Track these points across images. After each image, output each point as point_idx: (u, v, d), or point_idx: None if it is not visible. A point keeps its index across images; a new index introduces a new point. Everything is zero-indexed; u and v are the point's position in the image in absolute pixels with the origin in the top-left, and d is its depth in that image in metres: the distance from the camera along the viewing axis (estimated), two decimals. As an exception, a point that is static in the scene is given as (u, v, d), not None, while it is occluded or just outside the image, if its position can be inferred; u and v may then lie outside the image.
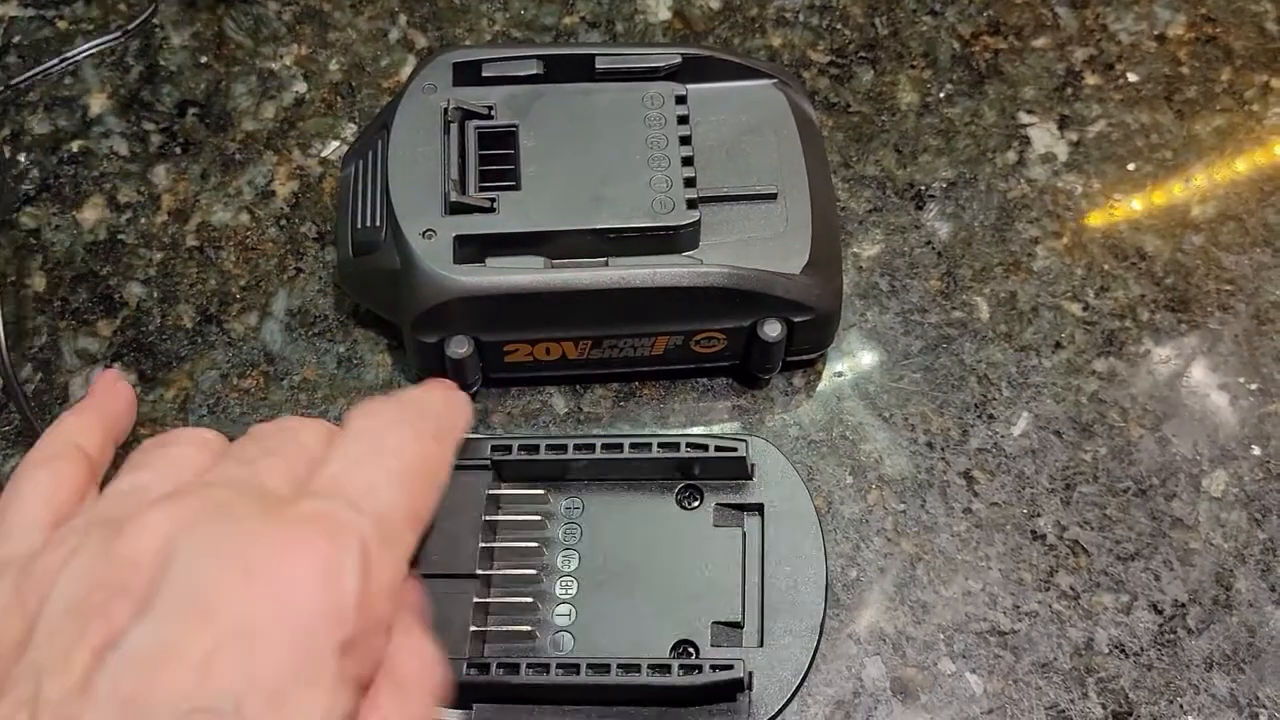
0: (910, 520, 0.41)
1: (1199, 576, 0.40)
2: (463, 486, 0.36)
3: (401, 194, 0.40)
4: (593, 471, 0.37)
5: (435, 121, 0.41)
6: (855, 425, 0.43)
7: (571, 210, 0.39)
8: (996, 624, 0.39)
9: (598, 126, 0.41)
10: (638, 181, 0.40)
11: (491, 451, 0.37)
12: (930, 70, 0.50)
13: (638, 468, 0.37)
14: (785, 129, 0.42)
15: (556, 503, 0.37)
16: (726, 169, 0.41)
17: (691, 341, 0.41)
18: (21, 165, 0.48)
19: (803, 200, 0.41)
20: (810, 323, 0.40)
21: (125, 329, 0.44)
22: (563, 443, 0.37)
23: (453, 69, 0.42)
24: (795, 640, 0.35)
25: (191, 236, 0.46)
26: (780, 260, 0.40)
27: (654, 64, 0.42)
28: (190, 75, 0.49)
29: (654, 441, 0.37)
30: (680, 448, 0.36)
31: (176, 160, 0.48)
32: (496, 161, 0.40)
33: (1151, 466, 0.42)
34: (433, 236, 0.38)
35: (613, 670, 0.33)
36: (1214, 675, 0.39)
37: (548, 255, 0.39)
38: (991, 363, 0.44)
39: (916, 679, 0.39)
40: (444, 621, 0.34)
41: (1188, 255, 0.46)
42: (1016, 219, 0.46)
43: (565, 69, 0.42)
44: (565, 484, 0.38)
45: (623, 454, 0.36)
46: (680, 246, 0.39)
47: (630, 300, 0.39)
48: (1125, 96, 0.49)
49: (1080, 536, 0.41)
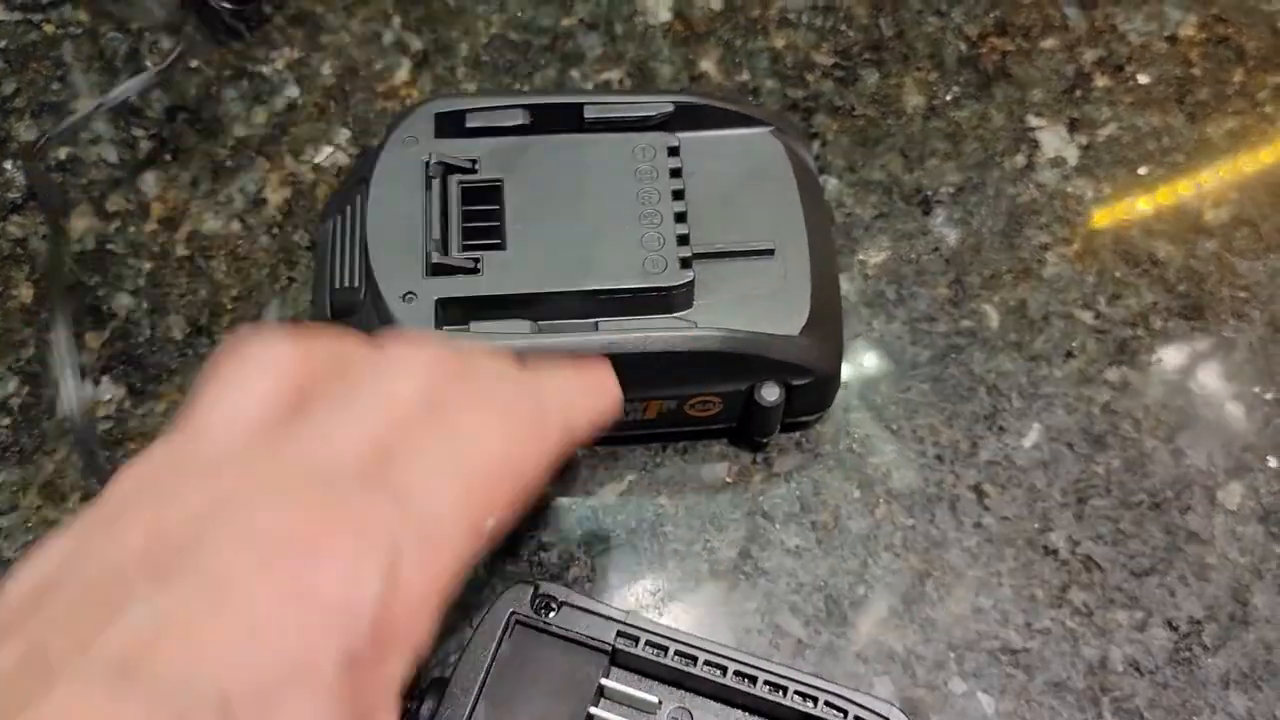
0: (919, 535, 0.40)
1: (1215, 592, 0.39)
2: (575, 668, 0.34)
3: (381, 254, 0.38)
4: (714, 690, 0.35)
5: (416, 176, 0.39)
6: (862, 438, 0.42)
7: (559, 271, 0.37)
8: (1008, 642, 0.38)
9: (587, 180, 0.39)
10: (629, 239, 0.38)
11: (616, 637, 0.34)
12: (936, 72, 0.49)
13: (763, 705, 0.34)
14: (783, 180, 0.41)
15: (664, 712, 0.35)
16: (721, 223, 0.39)
17: (685, 406, 0.39)
18: (8, 173, 0.46)
19: (801, 256, 0.39)
20: (810, 385, 0.39)
21: (114, 341, 0.43)
22: (693, 654, 0.34)
23: (435, 119, 0.40)
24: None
25: (182, 245, 0.45)
26: (778, 321, 0.38)
27: (645, 113, 0.40)
28: (179, 80, 0.48)
29: (790, 686, 0.34)
30: (818, 703, 0.34)
31: (166, 167, 0.47)
32: (481, 218, 0.38)
33: (1165, 479, 0.41)
34: (413, 300, 0.37)
35: None
36: (1231, 694, 0.38)
37: (534, 318, 0.37)
38: (1001, 373, 0.43)
39: (927, 699, 0.38)
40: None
41: (1201, 261, 0.45)
42: (1026, 225, 0.45)
43: (553, 119, 0.40)
44: (681, 692, 0.35)
45: (753, 689, 0.34)
46: (673, 307, 0.38)
47: (622, 366, 0.36)
48: (1136, 99, 0.48)
49: (1093, 551, 0.40)
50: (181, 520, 0.24)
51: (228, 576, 0.23)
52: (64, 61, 0.49)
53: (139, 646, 0.22)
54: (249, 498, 0.24)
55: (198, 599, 0.23)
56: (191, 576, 0.23)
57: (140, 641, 0.22)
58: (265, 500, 0.24)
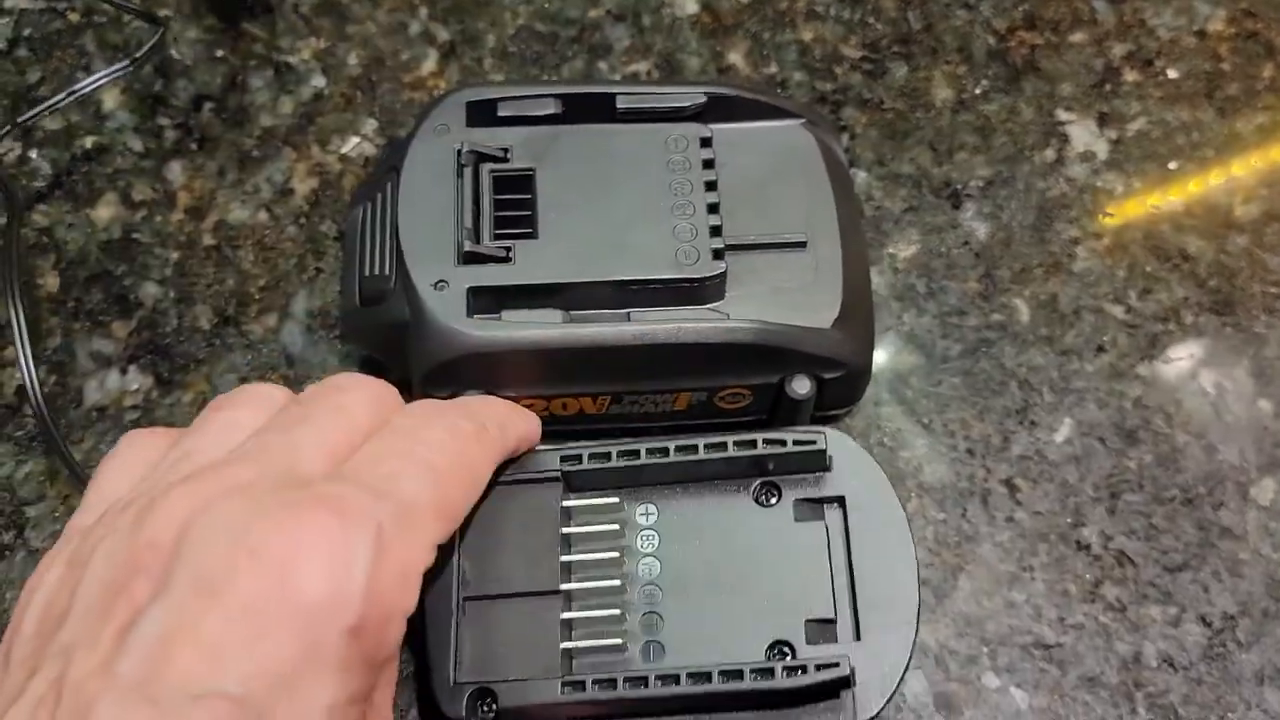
0: (951, 530, 0.40)
1: (1249, 588, 0.39)
2: (535, 501, 0.35)
3: (412, 242, 0.38)
4: (666, 475, 0.36)
5: (448, 164, 0.39)
6: (893, 432, 0.42)
7: (591, 260, 0.37)
8: (1041, 637, 0.38)
9: (619, 170, 0.39)
10: (661, 230, 0.38)
11: (561, 462, 0.35)
12: (965, 66, 0.49)
13: (713, 468, 0.36)
14: (814, 172, 0.40)
15: (631, 510, 0.36)
16: (753, 215, 0.39)
17: (715, 397, 0.39)
18: (33, 162, 0.46)
19: (833, 249, 0.39)
20: (841, 379, 0.38)
21: (141, 330, 0.43)
22: (635, 448, 0.35)
23: (466, 108, 0.40)
24: (892, 632, 0.34)
25: (208, 235, 0.45)
26: (810, 314, 0.38)
27: (678, 103, 0.40)
28: (205, 69, 0.48)
29: (729, 440, 0.35)
30: (757, 444, 0.35)
31: (192, 157, 0.46)
32: (513, 207, 0.38)
33: (1198, 475, 0.41)
34: (445, 288, 0.37)
35: (714, 678, 0.33)
36: (1265, 690, 0.38)
37: (566, 307, 0.37)
38: (1032, 367, 0.43)
39: (960, 694, 0.37)
40: (532, 642, 0.34)
41: (1231, 257, 0.45)
42: (1056, 219, 0.45)
43: (585, 108, 0.40)
44: (638, 490, 0.36)
45: (698, 455, 0.35)
46: (705, 298, 0.38)
47: (653, 356, 0.37)
48: (1165, 93, 0.48)
49: (1126, 546, 0.40)
50: (168, 527, 0.25)
51: (222, 575, 0.24)
52: (87, 50, 0.49)
53: (155, 662, 0.23)
54: (231, 500, 0.25)
55: (196, 603, 0.23)
56: (186, 581, 0.24)
57: (155, 656, 0.23)
58: (246, 501, 0.25)
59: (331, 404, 0.29)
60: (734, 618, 0.35)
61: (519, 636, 0.34)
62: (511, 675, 0.33)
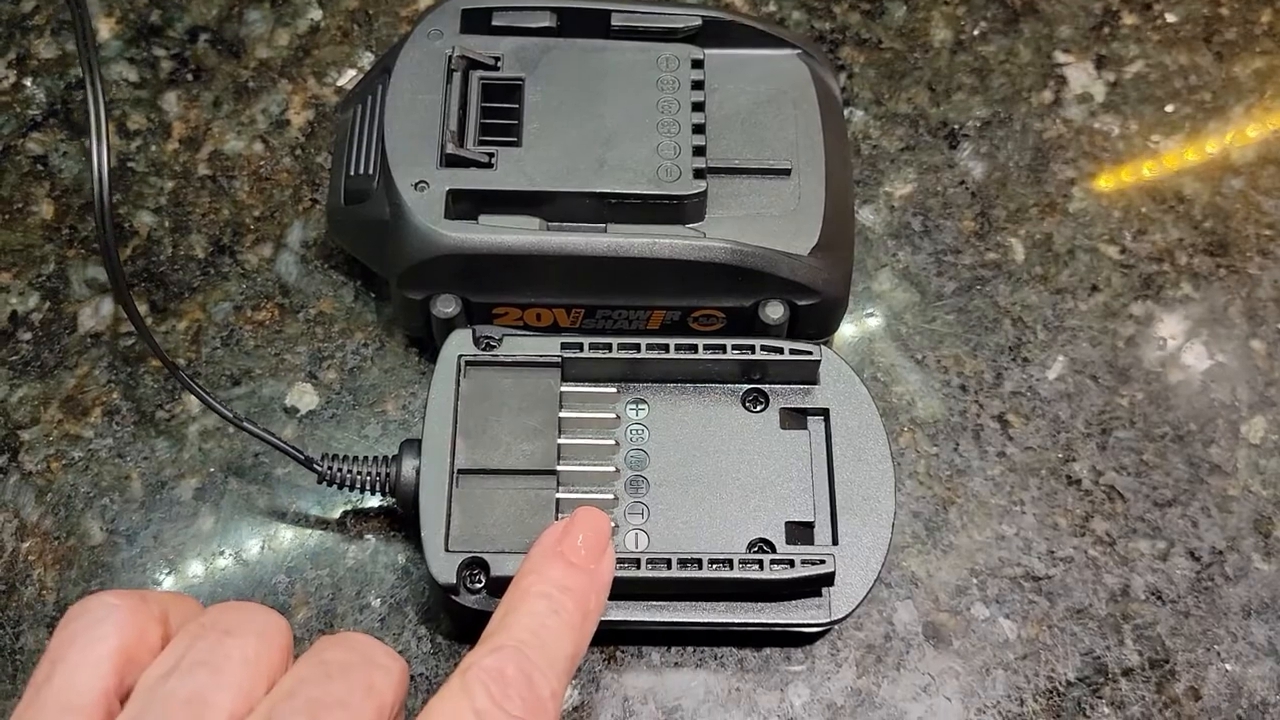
0: (943, 463, 0.40)
1: (1237, 524, 0.39)
2: (533, 384, 0.36)
3: (397, 142, 0.38)
4: (660, 372, 0.37)
5: (438, 69, 0.39)
6: (887, 367, 0.42)
7: (573, 172, 0.37)
8: (1031, 569, 0.38)
9: (608, 86, 0.39)
10: (644, 146, 0.38)
11: (562, 349, 0.36)
12: (964, 6, 0.48)
13: (705, 370, 0.37)
14: (805, 103, 0.40)
15: (622, 402, 0.37)
16: (739, 140, 0.40)
17: (689, 318, 0.39)
18: (28, 90, 0.46)
19: (817, 179, 0.39)
20: (815, 307, 0.38)
21: (136, 259, 0.43)
22: (635, 341, 0.36)
23: (461, 15, 0.40)
24: (868, 539, 0.35)
25: (204, 165, 0.45)
26: (788, 239, 0.38)
27: (672, 24, 0.40)
28: (202, 1, 0.48)
29: (728, 343, 0.36)
30: (755, 349, 0.36)
31: (188, 87, 0.46)
32: (499, 115, 0.39)
33: (1189, 412, 0.41)
34: (425, 189, 0.37)
35: (704, 564, 0.34)
36: (1252, 623, 0.38)
37: (544, 217, 0.37)
38: (1026, 305, 0.43)
39: (949, 624, 0.38)
40: (525, 518, 0.35)
41: (1226, 199, 0.45)
42: (1052, 160, 0.45)
43: (579, 23, 0.40)
44: (631, 386, 0.37)
45: (696, 354, 0.36)
46: (684, 218, 0.38)
47: (627, 270, 0.37)
48: (1163, 37, 0.48)
49: (1116, 482, 0.40)
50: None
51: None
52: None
53: None
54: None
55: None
56: None
57: None
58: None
59: (357, 678, 0.26)
60: (717, 513, 0.35)
61: (512, 512, 0.35)
62: (504, 548, 0.34)
